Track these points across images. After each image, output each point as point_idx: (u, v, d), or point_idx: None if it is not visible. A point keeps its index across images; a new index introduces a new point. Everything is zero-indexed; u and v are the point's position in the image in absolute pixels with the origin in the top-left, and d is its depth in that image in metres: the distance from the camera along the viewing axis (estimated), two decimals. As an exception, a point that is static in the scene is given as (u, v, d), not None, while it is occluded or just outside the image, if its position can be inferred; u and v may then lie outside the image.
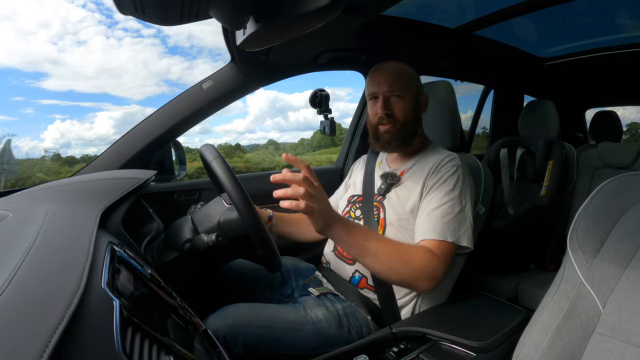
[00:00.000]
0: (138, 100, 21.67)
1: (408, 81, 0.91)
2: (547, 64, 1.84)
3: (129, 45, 21.42)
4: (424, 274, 0.75)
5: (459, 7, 1.26)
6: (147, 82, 21.76)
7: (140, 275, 0.51)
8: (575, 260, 0.55)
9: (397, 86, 0.89)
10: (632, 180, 0.56)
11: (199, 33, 20.38)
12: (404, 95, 0.90)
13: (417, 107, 0.93)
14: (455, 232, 0.80)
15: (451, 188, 0.83)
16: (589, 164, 1.69)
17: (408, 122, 0.91)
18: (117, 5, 0.41)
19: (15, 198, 0.70)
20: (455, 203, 0.82)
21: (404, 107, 0.90)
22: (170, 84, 21.53)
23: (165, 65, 22.34)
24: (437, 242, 0.79)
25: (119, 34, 20.80)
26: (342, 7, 0.47)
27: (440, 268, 0.77)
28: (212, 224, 0.76)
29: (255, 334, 0.74)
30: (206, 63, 20.59)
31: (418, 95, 0.94)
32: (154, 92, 21.87)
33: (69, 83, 20.14)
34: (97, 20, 21.44)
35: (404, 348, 0.72)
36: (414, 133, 0.93)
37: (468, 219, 0.83)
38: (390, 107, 0.90)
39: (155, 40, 21.12)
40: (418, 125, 0.95)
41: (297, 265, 1.06)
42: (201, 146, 0.78)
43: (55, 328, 0.28)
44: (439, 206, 0.82)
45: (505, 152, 1.78)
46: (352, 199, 1.02)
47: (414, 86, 0.92)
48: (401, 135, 0.91)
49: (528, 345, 0.56)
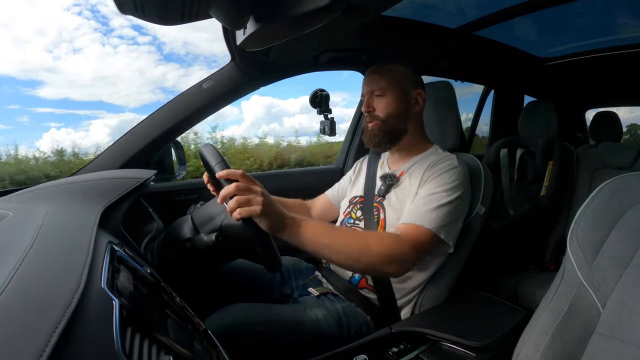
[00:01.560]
0: (133, 107, 21.23)
1: (391, 80, 0.93)
2: (547, 64, 1.83)
3: (124, 52, 20.86)
4: (388, 258, 0.73)
5: (459, 7, 1.26)
6: (142, 89, 21.26)
7: (140, 275, 0.51)
8: (575, 260, 0.55)
9: (377, 85, 0.94)
10: (632, 180, 0.56)
11: (195, 40, 19.99)
12: (383, 94, 0.93)
13: (402, 104, 0.93)
14: (433, 221, 0.79)
15: (442, 182, 0.84)
16: (589, 164, 1.68)
17: (389, 118, 0.93)
18: (117, 5, 0.41)
19: (15, 197, 0.70)
20: (443, 196, 0.82)
21: (385, 105, 0.93)
22: (166, 91, 21.15)
23: (161, 72, 21.83)
24: (411, 225, 0.79)
25: (114, 42, 20.27)
26: (342, 7, 0.47)
27: (408, 251, 0.75)
28: (214, 226, 0.76)
29: (255, 334, 0.74)
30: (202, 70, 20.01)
31: (406, 92, 0.94)
32: (150, 100, 21.52)
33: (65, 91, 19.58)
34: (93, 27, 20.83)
35: (403, 348, 0.72)
36: (400, 129, 0.95)
37: (453, 215, 0.82)
38: (371, 105, 0.94)
39: (150, 47, 20.69)
40: (406, 121, 0.95)
41: (297, 265, 1.06)
42: (202, 146, 0.78)
43: (55, 327, 0.28)
44: (425, 196, 0.83)
45: (505, 153, 1.77)
46: (353, 200, 1.02)
47: (398, 84, 0.93)
48: (382, 131, 0.93)
49: (528, 345, 0.56)
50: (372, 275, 0.86)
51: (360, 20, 0.85)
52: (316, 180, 1.43)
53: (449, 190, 0.83)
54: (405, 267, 0.76)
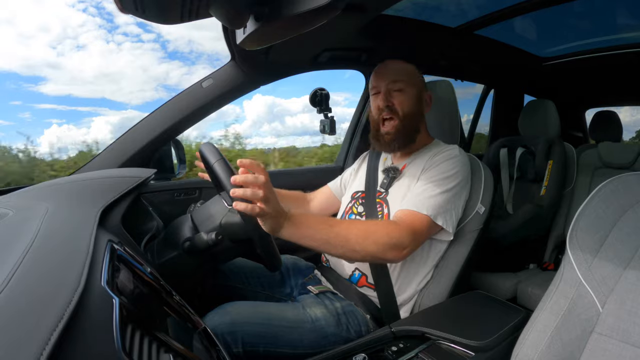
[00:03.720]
0: (136, 105, 21.00)
1: (409, 77, 0.93)
2: (547, 63, 1.83)
3: (128, 49, 20.59)
4: (387, 245, 0.73)
5: (460, 7, 1.26)
6: (145, 87, 21.04)
7: (140, 274, 0.51)
8: (575, 260, 0.55)
9: (397, 80, 0.91)
10: (632, 180, 0.56)
11: (199, 39, 19.81)
12: (404, 89, 0.91)
13: (418, 103, 0.93)
14: (432, 208, 0.80)
15: (442, 170, 0.84)
16: (589, 163, 1.68)
17: (409, 115, 0.91)
18: (118, 4, 0.41)
19: (15, 196, 0.70)
20: (441, 184, 0.82)
21: (404, 100, 0.91)
22: (169, 89, 20.93)
23: (164, 70, 21.54)
24: (409, 212, 0.79)
25: (119, 39, 20.04)
26: (343, 7, 0.47)
27: (405, 236, 0.75)
28: (213, 225, 0.76)
29: (254, 332, 0.74)
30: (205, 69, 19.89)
31: (420, 93, 0.94)
32: (152, 97, 21.23)
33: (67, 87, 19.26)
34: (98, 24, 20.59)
35: (403, 347, 0.72)
36: (416, 130, 0.94)
37: (451, 201, 0.83)
38: (391, 99, 0.91)
39: (155, 45, 20.50)
40: (420, 122, 0.95)
41: (296, 264, 1.06)
42: (201, 145, 0.78)
43: (55, 326, 0.28)
44: (423, 184, 0.83)
45: (505, 152, 1.77)
46: (355, 195, 1.02)
47: (415, 83, 0.93)
48: (403, 132, 0.91)
49: (527, 344, 0.56)
50: (372, 262, 0.84)
51: (361, 20, 0.85)
52: (316, 179, 1.43)
53: (448, 177, 0.83)
54: (404, 252, 0.76)
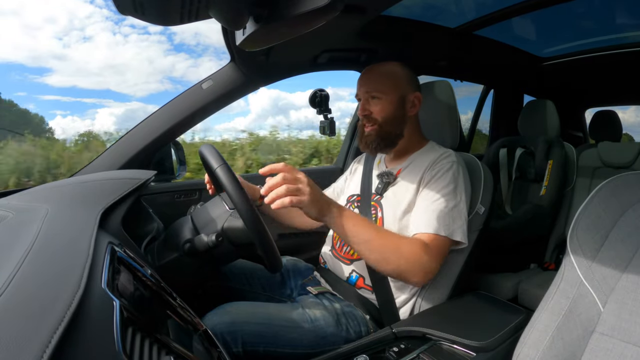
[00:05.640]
0: (140, 97, 20.88)
1: (388, 82, 0.91)
2: (546, 63, 1.83)
3: (134, 42, 20.39)
4: (416, 266, 0.74)
5: (459, 7, 1.26)
6: (150, 79, 21.01)
7: (141, 276, 0.51)
8: (575, 259, 0.55)
9: (374, 88, 0.90)
10: (632, 180, 0.56)
11: (206, 31, 19.72)
12: (380, 96, 0.90)
13: (400, 108, 0.91)
14: (448, 226, 0.80)
15: (446, 183, 0.84)
16: (589, 163, 1.69)
17: (387, 122, 0.90)
18: (116, 5, 0.41)
19: (15, 198, 0.70)
20: (450, 198, 0.82)
21: (382, 108, 0.90)
22: (174, 81, 20.80)
23: (170, 62, 21.44)
24: (430, 235, 0.79)
25: (125, 30, 19.80)
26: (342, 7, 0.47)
27: (434, 261, 0.76)
28: (215, 229, 0.76)
29: (254, 332, 0.74)
30: (211, 61, 19.73)
31: (404, 96, 0.92)
32: (157, 89, 21.08)
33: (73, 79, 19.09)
34: (105, 16, 20.35)
35: (404, 348, 0.72)
36: (397, 134, 0.93)
37: (462, 214, 0.83)
38: (368, 108, 0.91)
39: (161, 37, 20.28)
40: (402, 126, 0.93)
41: (296, 265, 1.06)
42: (202, 147, 0.78)
43: (56, 328, 0.28)
44: (433, 201, 0.82)
45: (504, 152, 1.77)
46: (350, 199, 1.02)
47: (398, 86, 0.91)
48: (380, 137, 0.91)
49: (528, 344, 0.56)
50: (396, 278, 0.83)
51: (360, 20, 0.85)
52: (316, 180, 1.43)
53: (453, 191, 0.83)
54: (429, 277, 0.77)
